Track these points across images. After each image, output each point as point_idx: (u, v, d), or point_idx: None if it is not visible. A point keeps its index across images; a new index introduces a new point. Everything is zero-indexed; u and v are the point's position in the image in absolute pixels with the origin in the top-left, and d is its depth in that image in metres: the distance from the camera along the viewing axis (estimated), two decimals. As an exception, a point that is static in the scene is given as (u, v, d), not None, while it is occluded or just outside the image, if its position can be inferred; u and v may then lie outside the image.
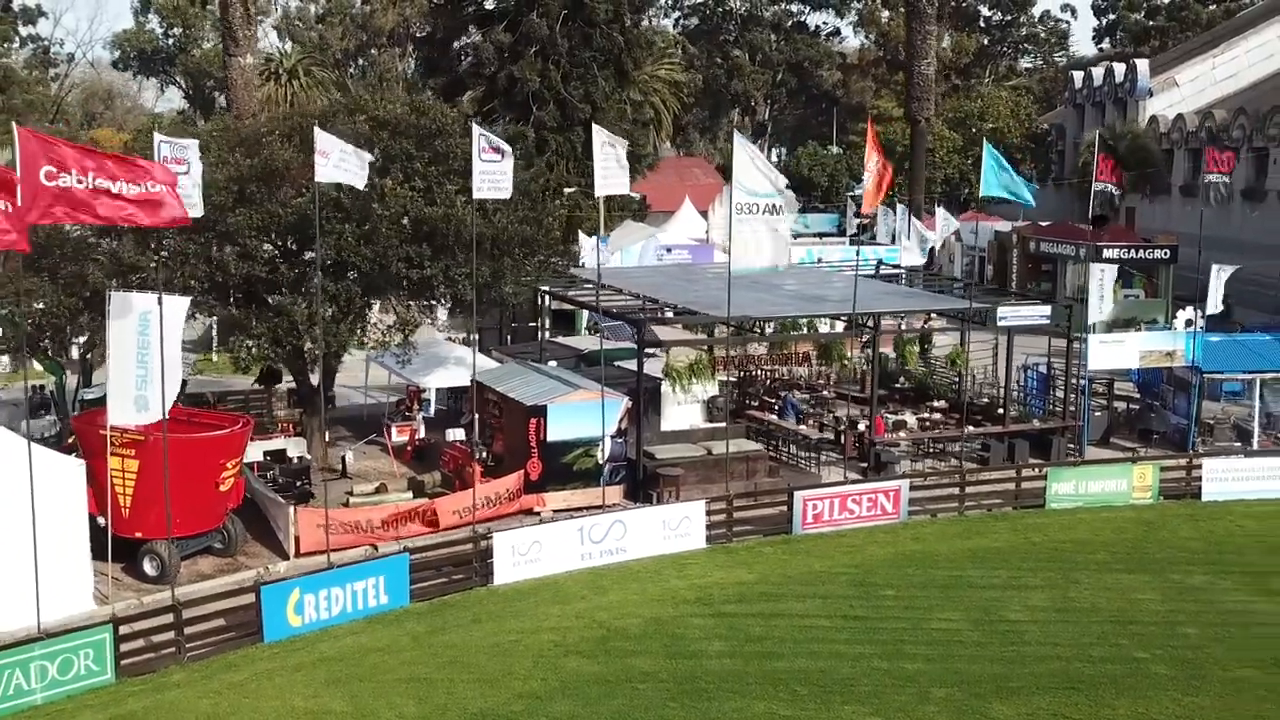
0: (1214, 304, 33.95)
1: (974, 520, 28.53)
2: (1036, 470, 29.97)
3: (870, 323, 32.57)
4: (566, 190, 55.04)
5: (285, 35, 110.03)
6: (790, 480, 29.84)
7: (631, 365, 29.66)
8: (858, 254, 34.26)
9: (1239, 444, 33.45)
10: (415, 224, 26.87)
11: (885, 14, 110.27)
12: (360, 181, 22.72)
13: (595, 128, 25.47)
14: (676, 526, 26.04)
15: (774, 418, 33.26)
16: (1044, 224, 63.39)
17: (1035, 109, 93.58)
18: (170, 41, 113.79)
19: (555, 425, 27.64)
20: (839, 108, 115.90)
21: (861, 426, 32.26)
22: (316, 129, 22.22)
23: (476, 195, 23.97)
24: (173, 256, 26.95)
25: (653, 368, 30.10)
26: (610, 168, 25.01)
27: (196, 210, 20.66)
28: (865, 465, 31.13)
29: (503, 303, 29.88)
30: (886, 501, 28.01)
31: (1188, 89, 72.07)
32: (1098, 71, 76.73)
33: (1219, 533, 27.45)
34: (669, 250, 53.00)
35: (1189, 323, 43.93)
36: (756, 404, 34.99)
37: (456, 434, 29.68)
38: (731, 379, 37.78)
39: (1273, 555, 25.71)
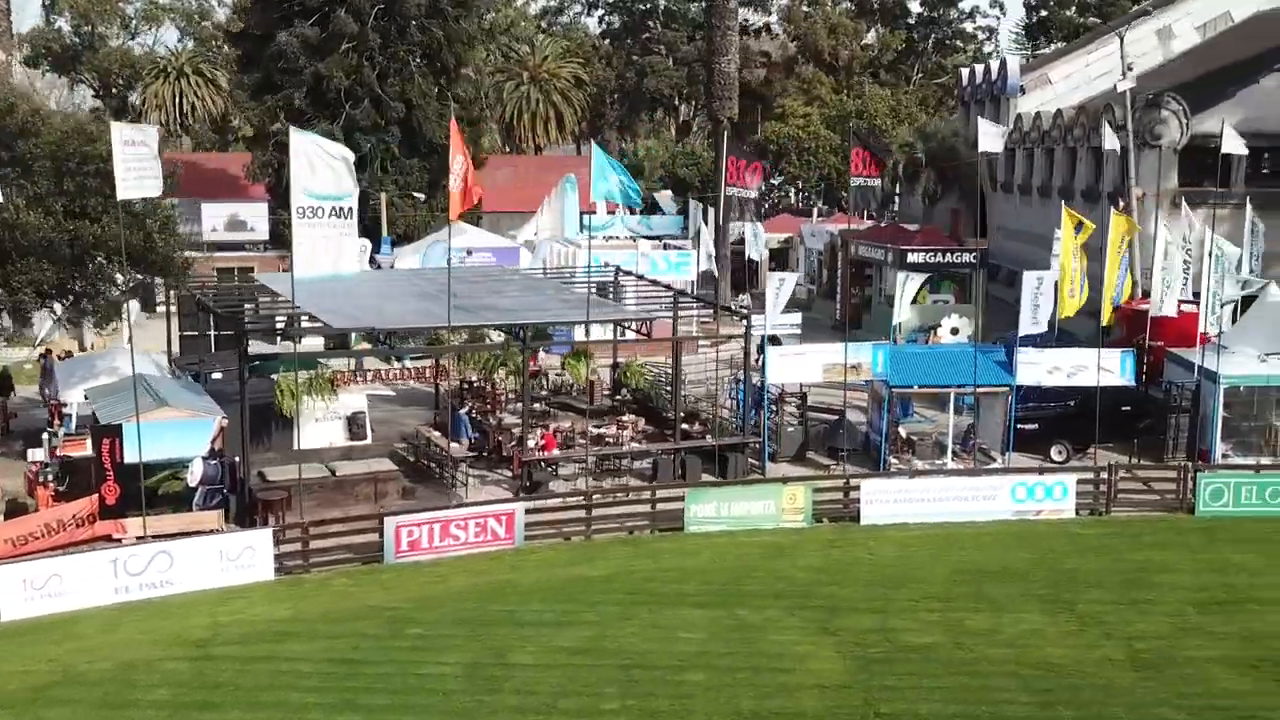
0: (900, 312, 32.05)
1: (597, 545, 26.73)
2: (673, 491, 28.13)
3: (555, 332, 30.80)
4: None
5: (187, 35, 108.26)
6: (428, 501, 28.18)
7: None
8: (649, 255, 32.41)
9: (941, 461, 31.58)
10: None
11: (805, 8, 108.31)
12: None
13: (115, 125, 23.48)
14: (237, 557, 24.24)
15: (436, 434, 31.42)
16: (882, 226, 61.64)
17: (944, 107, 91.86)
18: (78, 39, 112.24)
19: (133, 445, 25.78)
20: (764, 106, 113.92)
21: (531, 443, 30.50)
22: None
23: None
24: None
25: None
26: (138, 167, 23.07)
27: None
28: (521, 485, 29.39)
29: (79, 309, 28.04)
30: (498, 526, 26.18)
31: (1061, 86, 70.07)
32: (980, 69, 74.97)
33: (844, 561, 25.59)
34: (469, 253, 51.12)
35: (954, 330, 42.37)
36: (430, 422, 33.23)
37: (36, 454, 27.91)
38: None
39: (872, 588, 23.81)
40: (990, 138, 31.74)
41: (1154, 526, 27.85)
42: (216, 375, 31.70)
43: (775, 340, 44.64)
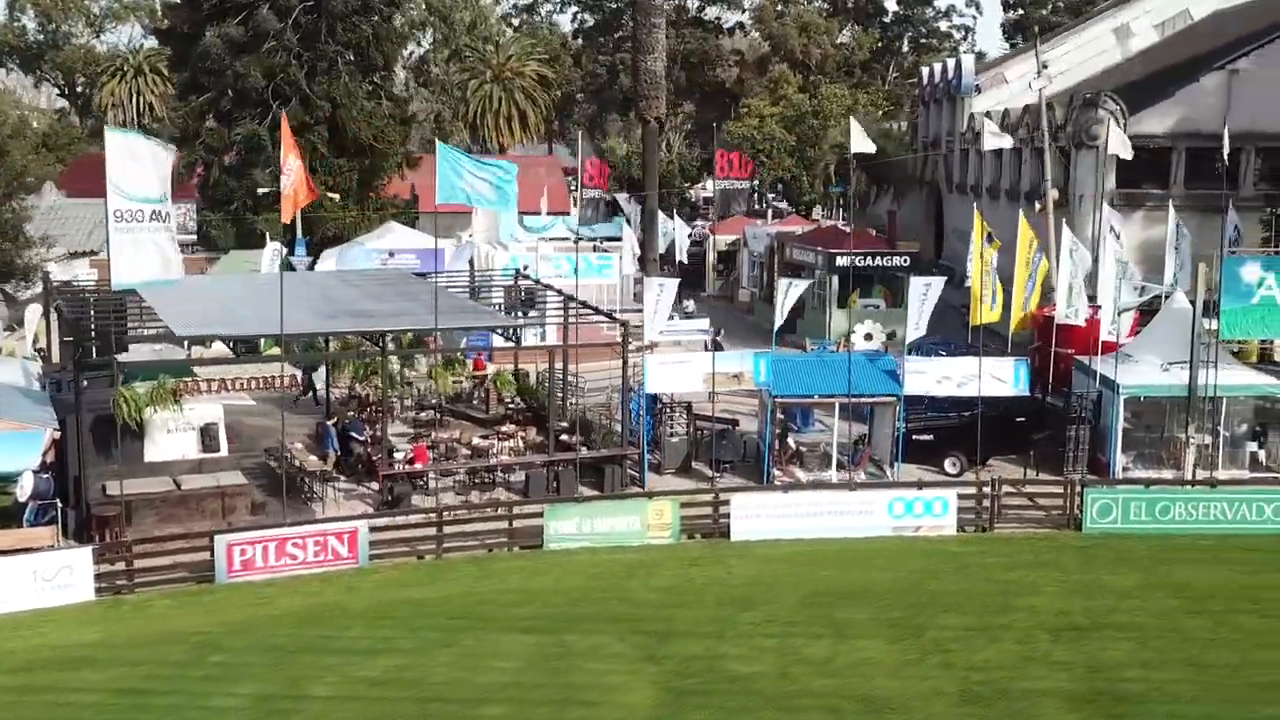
0: (780, 318, 30.86)
1: (447, 564, 25.58)
2: (533, 507, 26.94)
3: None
4: (261, 190, 52.27)
5: (149, 33, 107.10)
6: (281, 516, 26.98)
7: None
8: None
9: (827, 473, 30.37)
10: None
11: (779, 7, 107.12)
12: None
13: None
14: (53, 577, 23.11)
15: (299, 446, 30.24)
16: (822, 227, 60.52)
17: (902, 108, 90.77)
18: (42, 37, 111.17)
19: (-45, 460, 24.65)
20: (738, 105, 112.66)
21: (398, 455, 29.38)
22: None
23: None
24: None
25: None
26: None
27: None
28: (382, 500, 28.24)
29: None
30: (340, 545, 25.02)
31: (1016, 85, 68.81)
32: (938, 68, 73.97)
33: (698, 581, 24.37)
34: (391, 255, 49.97)
35: (868, 336, 41.20)
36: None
37: None
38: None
39: (717, 611, 22.55)
40: (860, 140, 30.28)
41: (1035, 545, 26.64)
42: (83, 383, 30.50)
43: (718, 345, 43.54)
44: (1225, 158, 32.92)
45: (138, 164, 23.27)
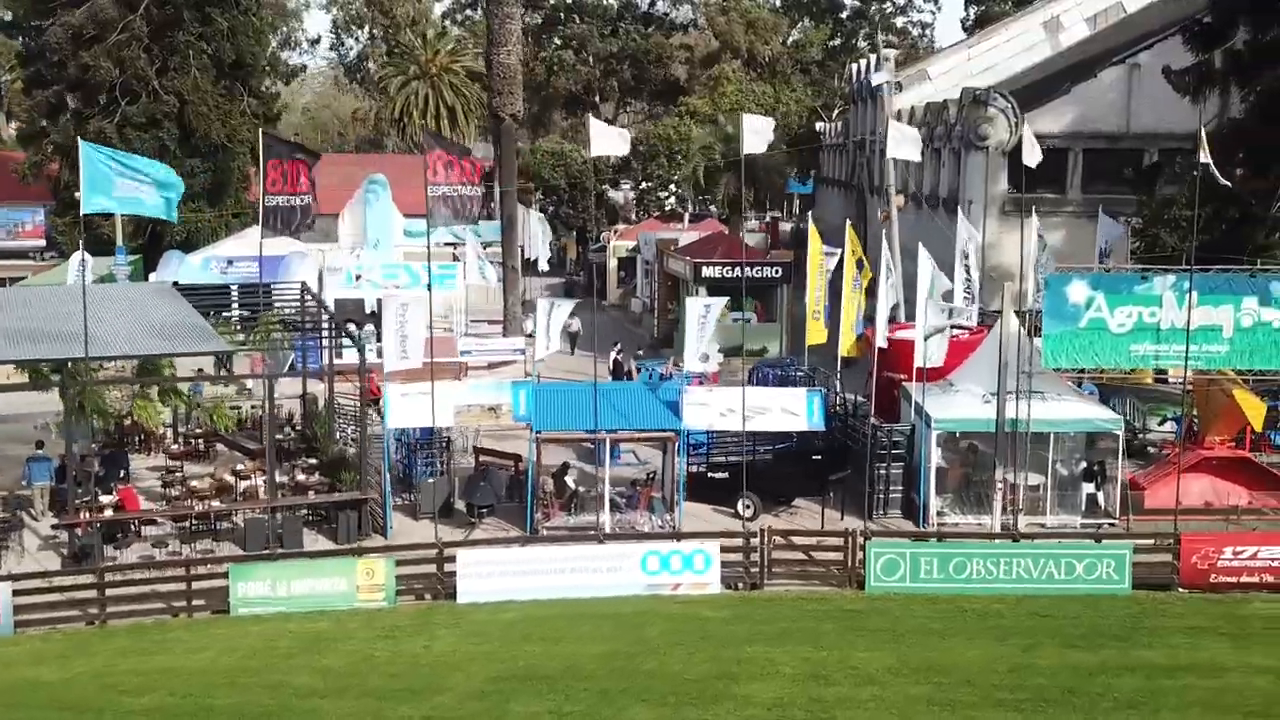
0: (544, 345, 27.23)
1: (106, 634, 21.98)
2: (218, 566, 23.28)
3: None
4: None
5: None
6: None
7: None
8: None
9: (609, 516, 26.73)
10: None
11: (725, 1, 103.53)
12: None
13: None
14: None
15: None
16: (714, 234, 56.85)
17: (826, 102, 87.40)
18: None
19: None
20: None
21: (106, 499, 25.80)
22: None
23: None
24: None
25: None
26: None
27: None
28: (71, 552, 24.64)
29: None
30: (-27, 611, 21.46)
31: (941, 82, 65.45)
32: (863, 64, 70.74)
33: (377, 660, 20.63)
34: (230, 263, 46.48)
35: (704, 357, 37.43)
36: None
37: None
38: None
39: (371, 703, 18.84)
40: (607, 141, 26.33)
41: (801, 608, 22.95)
42: None
43: (619, 366, 40.05)
44: (1041, 157, 29.10)
45: None
